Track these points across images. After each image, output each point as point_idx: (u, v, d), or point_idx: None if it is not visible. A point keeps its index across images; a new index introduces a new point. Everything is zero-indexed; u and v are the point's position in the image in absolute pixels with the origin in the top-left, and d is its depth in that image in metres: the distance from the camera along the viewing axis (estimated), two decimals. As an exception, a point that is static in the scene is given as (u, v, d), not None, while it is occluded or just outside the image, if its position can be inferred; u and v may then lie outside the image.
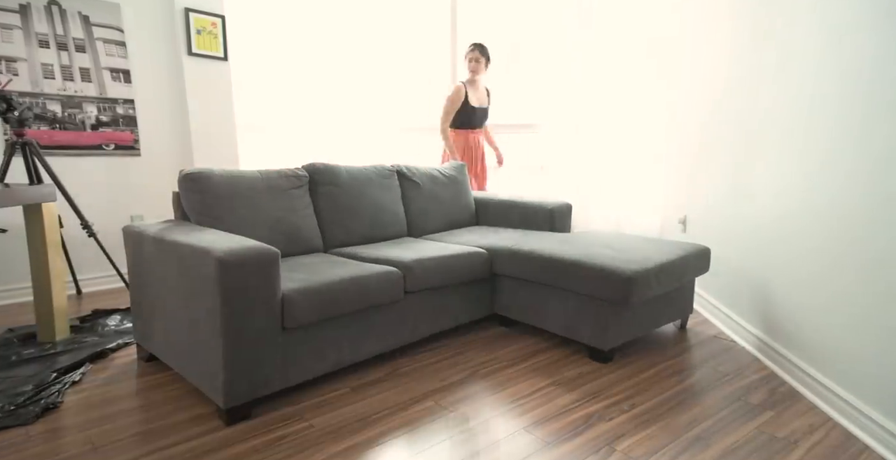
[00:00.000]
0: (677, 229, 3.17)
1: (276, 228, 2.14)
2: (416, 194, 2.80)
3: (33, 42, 2.79)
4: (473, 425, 1.60)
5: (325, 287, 1.72)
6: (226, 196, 2.03)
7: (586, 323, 2.07)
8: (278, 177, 2.24)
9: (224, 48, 3.39)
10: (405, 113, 4.18)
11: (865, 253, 1.53)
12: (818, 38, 1.79)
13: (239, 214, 2.05)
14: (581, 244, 2.28)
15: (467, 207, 3.06)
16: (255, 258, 1.52)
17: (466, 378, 1.93)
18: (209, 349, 1.56)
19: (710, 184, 2.70)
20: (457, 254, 2.23)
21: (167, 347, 1.82)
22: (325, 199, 2.39)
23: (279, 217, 2.16)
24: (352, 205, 2.46)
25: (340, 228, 2.41)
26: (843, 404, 1.61)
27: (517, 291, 2.34)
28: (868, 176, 1.52)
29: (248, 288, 1.52)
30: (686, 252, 2.23)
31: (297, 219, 2.22)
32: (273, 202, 2.17)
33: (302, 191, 2.30)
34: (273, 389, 1.65)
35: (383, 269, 1.94)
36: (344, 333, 1.84)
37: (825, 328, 1.72)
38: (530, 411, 1.68)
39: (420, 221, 2.78)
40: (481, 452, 1.46)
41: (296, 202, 2.25)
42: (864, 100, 1.55)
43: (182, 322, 1.68)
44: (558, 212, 2.83)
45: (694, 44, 2.99)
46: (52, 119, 2.88)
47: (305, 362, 1.74)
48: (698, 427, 1.59)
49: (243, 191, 2.09)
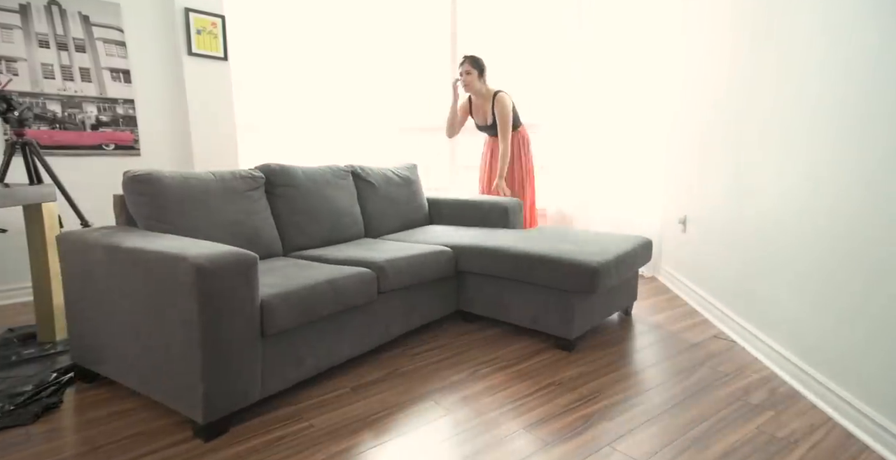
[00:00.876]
0: (677, 229, 3.17)
1: (235, 232, 2.04)
2: (372, 195, 2.80)
3: (33, 42, 2.79)
4: (473, 425, 1.60)
5: (303, 290, 1.69)
6: (179, 199, 1.90)
7: (553, 314, 2.18)
8: (233, 178, 2.14)
9: (224, 48, 3.39)
10: (405, 113, 4.18)
11: (866, 253, 1.53)
12: (819, 37, 1.79)
13: (194, 218, 1.93)
14: (541, 239, 2.41)
15: (421, 207, 3.10)
16: (233, 263, 1.46)
17: (466, 378, 1.93)
18: (183, 362, 1.46)
19: (710, 184, 2.70)
20: (425, 253, 2.26)
21: (122, 365, 1.68)
22: (282, 201, 2.33)
23: (237, 220, 2.06)
24: (310, 207, 2.41)
25: (300, 231, 2.36)
26: (843, 404, 1.61)
27: (483, 287, 2.40)
28: (869, 175, 1.52)
29: (228, 295, 1.45)
30: (635, 244, 2.44)
31: (255, 222, 2.13)
32: (229, 205, 2.06)
33: (258, 192, 2.22)
34: (252, 400, 1.58)
35: (357, 271, 1.93)
36: (320, 337, 1.81)
37: (825, 328, 1.72)
38: (530, 411, 1.68)
39: (377, 222, 2.78)
40: (481, 452, 1.46)
41: (253, 205, 2.16)
42: (865, 99, 1.55)
43: (145, 336, 1.57)
44: (512, 210, 2.96)
45: (694, 44, 2.99)
46: (52, 119, 2.88)
47: (284, 369, 1.69)
48: (698, 427, 1.59)
49: (197, 194, 1.96)
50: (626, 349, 2.21)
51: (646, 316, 2.66)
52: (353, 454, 1.45)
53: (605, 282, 2.08)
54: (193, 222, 1.92)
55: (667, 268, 3.34)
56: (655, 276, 3.52)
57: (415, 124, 4.22)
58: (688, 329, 2.47)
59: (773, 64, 2.08)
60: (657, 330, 2.45)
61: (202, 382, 1.44)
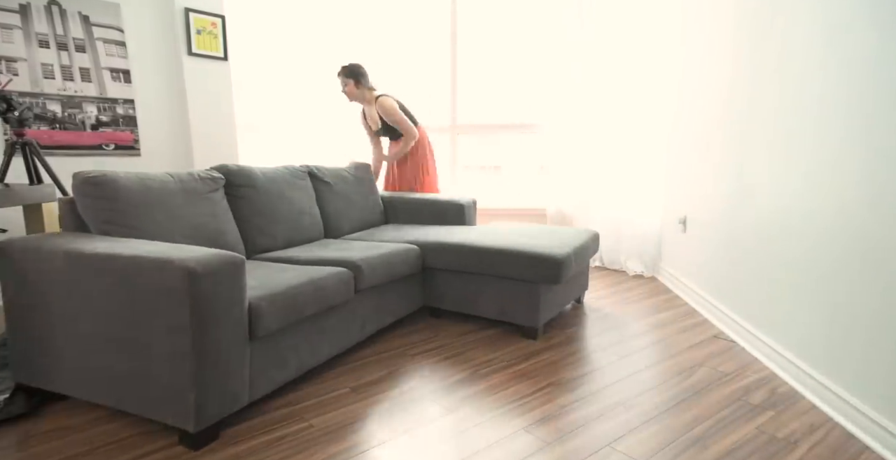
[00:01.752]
0: (677, 229, 3.17)
1: (199, 236, 1.97)
2: (330, 195, 2.79)
3: (33, 42, 2.79)
4: (473, 425, 1.60)
5: (288, 291, 1.68)
6: (138, 202, 1.81)
7: (519, 305, 2.30)
8: (192, 179, 2.06)
9: (224, 48, 3.39)
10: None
11: (867, 253, 1.53)
12: (819, 37, 1.79)
13: (156, 222, 1.84)
14: (500, 235, 2.53)
15: (377, 206, 3.12)
16: (224, 266, 1.42)
17: (466, 378, 1.93)
18: (170, 370, 1.41)
19: (710, 184, 2.70)
20: (395, 251, 2.30)
21: (87, 380, 1.57)
22: (242, 203, 2.28)
23: (200, 223, 1.99)
24: (271, 208, 2.38)
25: (261, 232, 2.32)
26: (843, 404, 1.61)
27: (450, 282, 2.48)
28: (870, 175, 1.52)
29: (219, 298, 1.41)
30: (587, 237, 2.62)
31: (218, 224, 2.07)
32: (191, 207, 1.99)
33: (219, 194, 2.15)
34: (242, 404, 1.56)
35: (335, 270, 1.93)
36: (303, 338, 1.81)
37: (825, 328, 1.72)
38: (530, 411, 1.68)
39: (336, 222, 2.77)
40: (481, 452, 1.46)
41: (215, 207, 2.09)
42: (866, 99, 1.55)
43: (118, 347, 1.49)
44: (468, 208, 3.07)
45: (694, 44, 2.99)
46: (52, 119, 2.88)
47: (270, 371, 1.67)
48: (698, 427, 1.59)
49: (157, 197, 1.88)
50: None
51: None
52: (353, 454, 1.45)
53: (567, 273, 2.21)
54: (155, 226, 1.83)
55: (667, 268, 3.34)
56: (655, 276, 3.52)
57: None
58: (688, 329, 2.47)
59: (774, 64, 2.08)
60: (657, 329, 2.46)
61: (193, 390, 1.39)
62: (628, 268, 3.60)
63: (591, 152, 3.71)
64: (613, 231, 3.69)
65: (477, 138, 4.20)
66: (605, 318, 2.62)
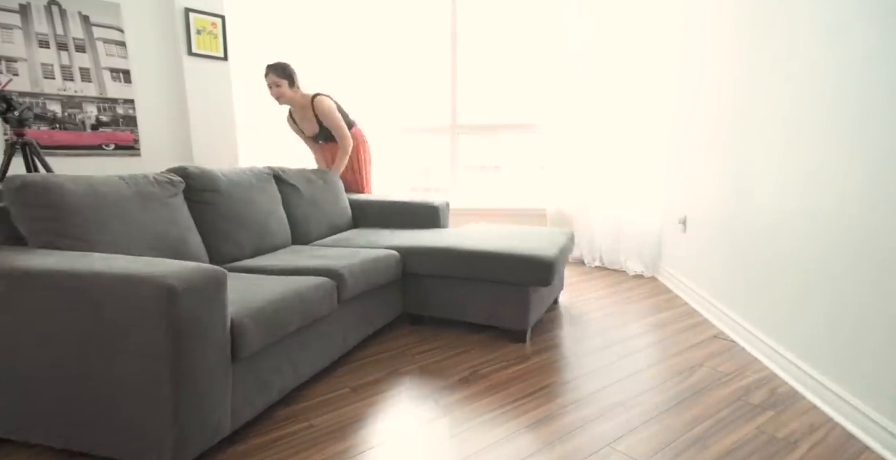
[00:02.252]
0: (677, 229, 3.17)
1: (160, 246, 1.78)
2: (297, 199, 2.64)
3: (33, 42, 2.79)
4: (473, 425, 1.60)
5: (271, 306, 1.52)
6: (89, 210, 1.60)
7: (508, 308, 2.26)
8: (148, 183, 1.86)
9: (224, 48, 3.39)
10: (405, 113, 4.18)
11: (867, 252, 1.53)
12: (819, 37, 1.79)
13: (110, 232, 1.63)
14: (481, 237, 2.50)
15: (346, 210, 2.98)
16: (206, 282, 1.27)
17: (466, 378, 1.93)
18: (144, 403, 1.26)
19: (710, 183, 2.70)
20: (376, 257, 2.19)
21: (33, 419, 1.38)
22: (205, 208, 2.10)
23: (160, 232, 1.80)
24: (237, 214, 2.19)
25: (228, 240, 2.13)
26: (843, 404, 1.61)
27: (434, 288, 2.40)
28: (870, 175, 1.52)
29: (200, 318, 1.26)
30: (566, 236, 2.63)
31: (180, 233, 1.87)
32: (150, 214, 1.79)
33: (179, 199, 1.96)
34: (223, 434, 1.40)
35: (317, 280, 1.81)
36: (284, 356, 1.66)
37: (825, 328, 1.72)
38: (530, 411, 1.68)
39: (304, 227, 2.63)
40: (481, 452, 1.46)
41: (175, 213, 1.90)
42: (865, 99, 1.55)
43: (77, 378, 1.31)
44: (442, 210, 2.99)
45: (694, 43, 2.99)
46: (52, 119, 2.88)
47: (252, 397, 1.52)
48: (698, 427, 1.59)
49: (110, 203, 1.67)
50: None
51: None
52: (353, 454, 1.45)
53: (556, 274, 2.19)
54: (109, 237, 1.62)
55: (667, 268, 3.34)
56: (655, 276, 3.52)
57: (415, 124, 4.22)
58: (688, 329, 2.47)
59: (774, 64, 2.08)
60: (657, 329, 2.46)
61: (172, 424, 1.24)
62: (628, 268, 3.60)
63: (591, 152, 3.71)
64: (613, 231, 3.69)
65: (477, 138, 4.20)
66: (602, 319, 2.62)
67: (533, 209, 4.05)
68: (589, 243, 3.81)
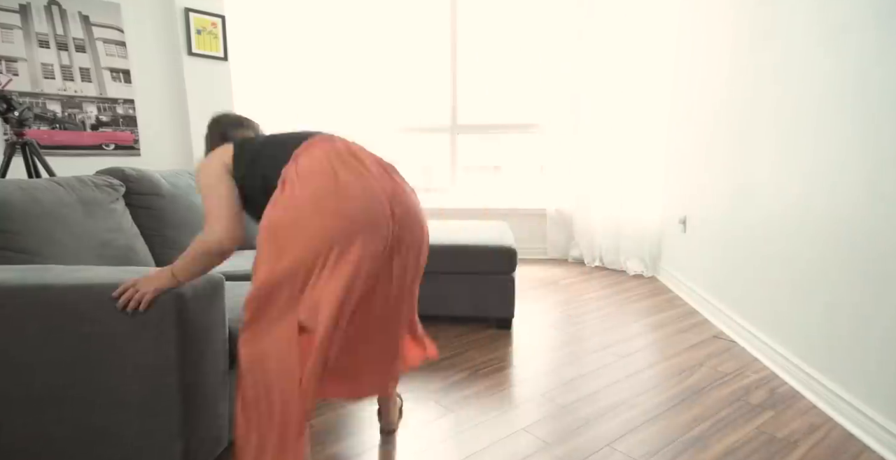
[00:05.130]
0: (677, 229, 3.17)
1: (106, 255, 1.64)
2: None
3: (33, 42, 2.79)
4: (473, 425, 1.60)
5: None
6: (31, 219, 1.45)
7: (492, 297, 2.39)
8: (87, 187, 1.71)
9: (224, 48, 3.39)
10: (405, 113, 4.18)
11: (867, 253, 1.53)
12: (818, 37, 1.79)
13: (58, 242, 1.49)
14: (448, 232, 2.60)
15: None
16: (210, 288, 1.23)
17: (466, 378, 1.93)
18: (147, 417, 1.19)
19: (710, 183, 2.70)
20: None
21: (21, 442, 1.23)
22: (148, 214, 1.97)
23: (106, 241, 1.65)
24: (181, 219, 2.07)
25: (174, 247, 2.00)
26: (843, 404, 1.61)
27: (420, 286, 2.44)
28: (871, 175, 1.52)
29: (204, 325, 1.22)
30: (508, 228, 2.80)
31: (126, 240, 1.74)
32: (95, 222, 1.65)
33: (121, 204, 1.83)
34: (223, 446, 1.35)
35: None
36: None
37: (825, 327, 1.72)
38: (530, 411, 1.68)
39: (251, 231, 2.43)
40: (481, 452, 1.46)
41: (119, 220, 1.76)
42: (865, 99, 1.55)
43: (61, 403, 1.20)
44: None
45: (694, 44, 2.99)
46: (52, 119, 2.88)
47: None
48: (698, 427, 1.59)
49: (52, 211, 1.52)
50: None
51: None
52: (354, 454, 1.45)
53: None
54: (56, 248, 1.49)
55: (667, 268, 3.34)
56: (655, 276, 3.52)
57: (415, 124, 4.22)
58: (688, 329, 2.47)
59: (774, 63, 2.08)
60: (657, 330, 2.46)
61: (180, 437, 1.18)
62: (628, 268, 3.60)
63: (591, 152, 3.71)
64: (613, 231, 3.69)
65: (477, 138, 4.20)
66: (602, 319, 2.62)
67: (533, 209, 4.05)
68: (589, 243, 3.81)
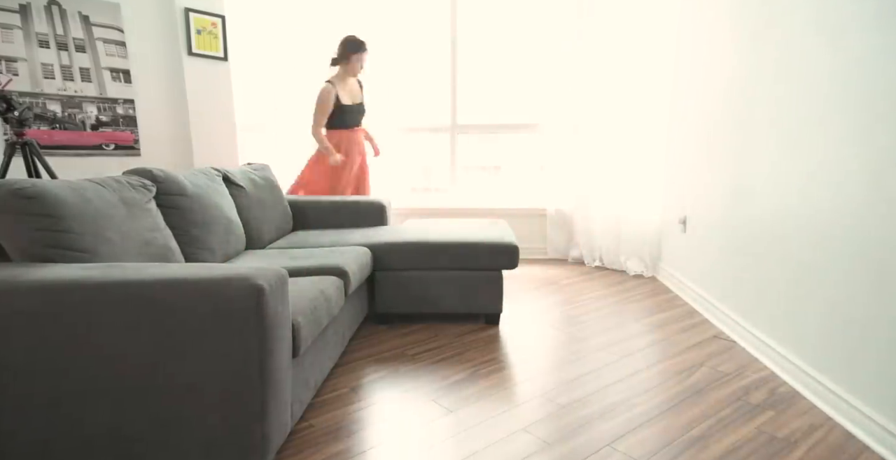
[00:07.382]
0: (677, 229, 3.17)
1: (149, 254, 1.68)
2: (247, 201, 2.51)
3: (33, 42, 2.79)
4: (473, 425, 1.60)
5: (312, 304, 1.58)
6: (84, 218, 1.46)
7: (482, 293, 2.44)
8: (125, 188, 1.71)
9: (224, 48, 3.39)
10: (405, 113, 4.18)
11: (867, 252, 1.53)
12: (818, 37, 1.79)
13: (109, 242, 1.51)
14: (439, 230, 2.61)
15: (287, 211, 2.85)
16: (280, 281, 1.32)
17: (466, 378, 1.93)
18: (229, 403, 1.26)
19: (710, 183, 2.70)
20: (357, 254, 2.22)
21: (103, 431, 1.27)
22: (176, 213, 2.00)
23: (149, 239, 1.69)
24: (206, 219, 2.10)
25: (201, 246, 2.05)
26: (843, 404, 1.61)
27: (405, 283, 2.44)
28: (872, 175, 1.52)
29: (278, 316, 1.30)
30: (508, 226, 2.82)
31: (164, 240, 1.78)
32: (136, 221, 1.67)
33: (153, 205, 1.86)
34: (288, 431, 1.44)
35: (331, 279, 1.85)
36: (315, 353, 1.72)
37: (825, 327, 1.72)
38: (530, 411, 1.68)
39: (257, 231, 2.51)
40: (481, 452, 1.46)
41: (157, 219, 1.80)
42: (865, 99, 1.55)
43: (132, 397, 1.26)
44: (386, 208, 3.03)
45: (694, 43, 2.99)
46: (52, 119, 2.88)
47: (300, 392, 1.57)
48: (698, 427, 1.59)
49: (100, 210, 1.54)
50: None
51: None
52: (353, 454, 1.45)
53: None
54: (108, 247, 1.50)
55: (667, 268, 3.34)
56: (655, 276, 3.52)
57: (415, 124, 4.22)
58: (688, 329, 2.47)
59: (774, 63, 2.08)
60: (657, 329, 2.46)
61: (260, 422, 1.27)
62: (628, 268, 3.60)
63: (591, 152, 3.71)
64: (613, 231, 3.69)
65: (477, 138, 4.20)
66: (602, 319, 2.62)
67: (533, 209, 4.05)
68: (589, 243, 3.81)
